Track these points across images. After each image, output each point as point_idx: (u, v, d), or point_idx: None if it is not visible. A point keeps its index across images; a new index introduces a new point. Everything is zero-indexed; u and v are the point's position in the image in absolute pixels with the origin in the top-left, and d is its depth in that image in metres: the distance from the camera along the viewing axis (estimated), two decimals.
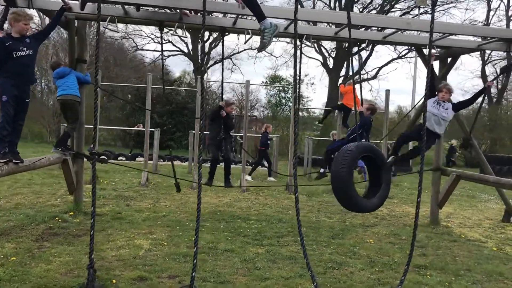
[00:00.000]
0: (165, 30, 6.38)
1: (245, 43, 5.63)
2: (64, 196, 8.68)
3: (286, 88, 28.19)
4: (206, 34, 30.05)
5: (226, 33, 6.81)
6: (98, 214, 7.44)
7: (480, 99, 7.12)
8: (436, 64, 8.05)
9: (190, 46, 33.20)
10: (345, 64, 31.41)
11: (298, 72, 4.22)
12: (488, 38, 5.94)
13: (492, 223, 8.64)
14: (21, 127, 5.47)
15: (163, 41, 29.09)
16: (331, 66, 31.59)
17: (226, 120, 7.86)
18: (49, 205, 7.92)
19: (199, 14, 6.19)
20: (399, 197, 11.46)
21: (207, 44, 32.56)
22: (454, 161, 21.83)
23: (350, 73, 31.07)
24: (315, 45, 30.10)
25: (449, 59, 7.59)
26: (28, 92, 5.45)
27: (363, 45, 6.99)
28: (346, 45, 25.14)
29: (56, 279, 4.38)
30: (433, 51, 6.80)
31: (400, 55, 31.37)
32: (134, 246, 5.69)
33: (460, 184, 13.16)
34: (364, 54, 30.72)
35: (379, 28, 15.28)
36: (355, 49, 7.47)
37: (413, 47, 13.26)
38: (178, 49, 34.06)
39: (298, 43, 6.62)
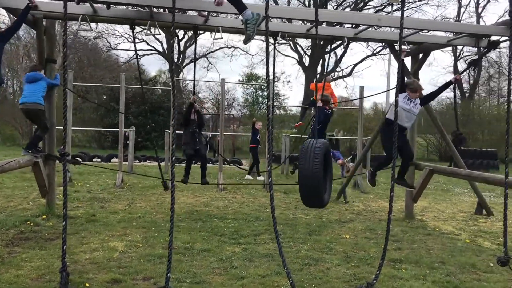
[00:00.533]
0: (139, 29, 6.26)
1: (214, 39, 5.53)
2: (37, 200, 8.48)
3: (263, 87, 28.19)
4: (181, 32, 29.85)
5: (201, 32, 6.78)
6: (72, 217, 7.32)
7: (452, 94, 7.19)
8: (408, 60, 8.15)
9: (165, 45, 32.91)
10: (320, 62, 31.61)
11: (272, 70, 4.19)
12: (458, 33, 6.04)
13: (466, 215, 8.80)
14: None
15: (137, 40, 28.66)
16: (307, 64, 31.72)
17: (199, 115, 7.74)
18: (21, 209, 7.73)
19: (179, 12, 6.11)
20: (375, 192, 11.58)
21: (182, 43, 32.34)
22: None
23: (322, 69, 31.30)
24: (291, 43, 30.17)
25: (420, 55, 7.70)
26: None
27: (338, 43, 7.04)
28: (322, 42, 25.34)
29: (26, 285, 4.27)
30: (404, 47, 6.89)
31: (375, 52, 31.73)
32: (109, 248, 5.59)
33: (435, 178, 13.45)
34: (339, 51, 31.03)
35: (353, 25, 15.42)
36: (330, 46, 7.44)
37: (385, 44, 13.38)
38: (153, 48, 33.72)
39: (272, 40, 6.62)
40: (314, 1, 31.04)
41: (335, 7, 31.49)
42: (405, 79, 6.52)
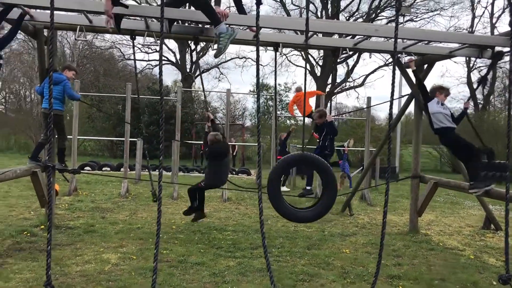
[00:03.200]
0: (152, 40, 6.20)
1: (212, 49, 5.50)
2: (38, 209, 8.48)
3: (273, 96, 28.13)
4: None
5: (202, 42, 6.76)
6: (70, 227, 7.29)
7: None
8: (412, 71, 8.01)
9: (178, 56, 33.15)
10: (332, 72, 31.50)
11: (260, 80, 4.12)
12: (461, 44, 5.91)
13: (473, 230, 8.57)
14: None
15: (151, 51, 28.92)
16: (318, 74, 31.64)
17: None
18: (21, 219, 7.74)
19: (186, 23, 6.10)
20: (382, 205, 11.36)
21: (194, 53, 32.54)
22: None
23: (333, 79, 31.16)
24: (302, 53, 30.12)
25: (425, 66, 7.57)
26: None
27: (350, 53, 6.95)
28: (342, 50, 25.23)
29: None
30: (409, 57, 6.79)
31: (387, 62, 31.52)
32: (101, 260, 5.54)
33: (445, 190, 13.19)
34: (351, 61, 30.91)
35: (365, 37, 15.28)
36: (336, 56, 7.38)
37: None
38: (166, 59, 33.95)
39: (276, 52, 6.54)
40: (327, 12, 31.10)
41: (347, 18, 31.45)
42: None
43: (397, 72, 8.29)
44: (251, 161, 26.30)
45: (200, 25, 5.49)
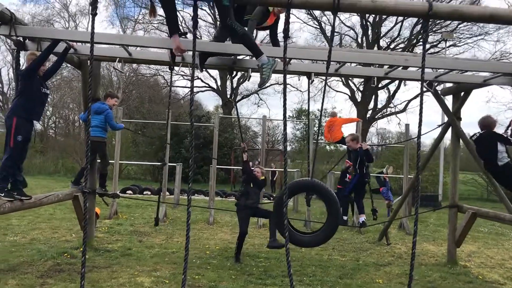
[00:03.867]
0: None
1: (247, 80, 5.73)
2: (79, 232, 8.81)
3: (315, 121, 28.14)
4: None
5: (235, 72, 6.97)
6: (109, 250, 7.52)
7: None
8: (449, 98, 7.92)
9: (219, 82, 33.87)
10: (373, 97, 31.25)
11: (284, 109, 4.23)
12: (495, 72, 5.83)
13: None
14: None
15: (194, 78, 30.08)
16: (359, 100, 31.45)
17: (248, 174, 7.48)
18: (63, 241, 8.06)
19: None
20: (422, 234, 11.07)
21: (235, 80, 33.12)
22: None
23: (375, 105, 30.83)
24: (343, 78, 30.11)
25: (462, 93, 7.47)
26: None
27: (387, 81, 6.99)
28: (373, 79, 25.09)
29: None
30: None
31: (425, 90, 30.88)
32: (135, 283, 5.69)
33: (489, 221, 12.70)
34: (392, 87, 30.53)
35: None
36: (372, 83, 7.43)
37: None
38: (207, 85, 34.78)
39: (303, 82, 6.67)
40: (367, 38, 31.06)
41: (388, 43, 31.29)
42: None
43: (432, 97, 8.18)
44: None
45: (232, 57, 5.69)
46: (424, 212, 10.15)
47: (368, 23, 30.31)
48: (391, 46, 31.17)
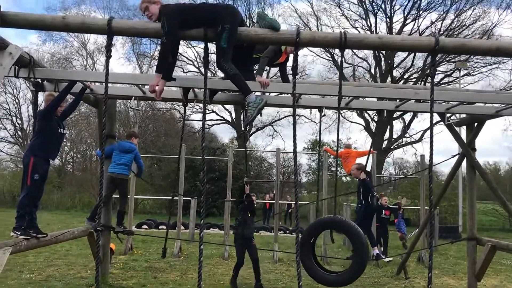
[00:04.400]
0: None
1: (260, 115, 5.80)
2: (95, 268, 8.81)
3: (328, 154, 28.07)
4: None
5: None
6: (123, 287, 7.51)
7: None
8: (463, 129, 7.89)
9: (234, 115, 34.21)
10: (388, 127, 31.13)
11: (295, 142, 4.28)
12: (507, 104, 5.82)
13: None
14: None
15: (208, 111, 29.91)
16: (374, 130, 31.37)
17: (250, 203, 7.94)
18: (78, 278, 8.06)
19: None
20: (441, 267, 10.82)
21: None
22: None
23: (390, 135, 30.65)
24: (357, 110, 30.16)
25: (475, 124, 7.44)
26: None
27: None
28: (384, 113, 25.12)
29: None
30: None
31: (438, 121, 30.75)
32: None
33: None
34: (407, 117, 30.45)
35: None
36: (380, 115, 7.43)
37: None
38: (222, 118, 35.16)
39: (317, 113, 6.73)
40: (380, 69, 31.25)
41: (402, 73, 31.41)
42: None
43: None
44: (305, 219, 25.96)
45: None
46: (441, 245, 9.96)
47: (381, 54, 30.52)
48: (405, 77, 31.29)
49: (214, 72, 31.32)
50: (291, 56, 6.03)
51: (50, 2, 68.60)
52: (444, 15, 29.60)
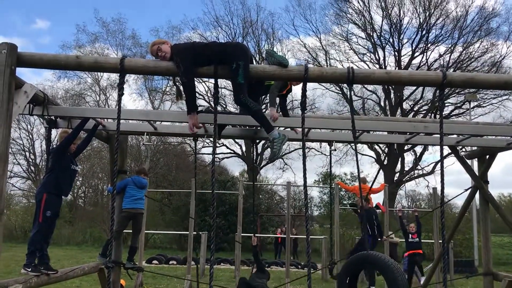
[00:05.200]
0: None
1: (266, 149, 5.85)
2: None
3: (339, 187, 27.91)
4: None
5: (257, 140, 7.15)
6: None
7: None
8: (475, 161, 7.83)
9: (244, 148, 34.31)
10: (399, 160, 30.97)
11: (305, 174, 4.28)
12: None
13: None
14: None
15: (218, 145, 30.24)
16: (385, 163, 31.21)
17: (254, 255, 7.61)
18: None
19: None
20: None
21: (260, 145, 33.57)
22: None
23: (402, 168, 30.45)
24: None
25: (487, 156, 7.39)
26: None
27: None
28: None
29: None
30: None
31: (448, 153, 30.56)
32: None
33: None
34: (418, 149, 30.30)
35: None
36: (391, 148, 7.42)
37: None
38: (232, 151, 35.28)
39: (327, 146, 6.75)
40: (390, 101, 31.36)
41: (411, 106, 31.47)
42: None
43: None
44: (317, 253, 25.59)
45: (254, 127, 5.86)
46: (457, 279, 9.73)
47: (390, 87, 30.69)
48: (415, 109, 31.33)
49: (224, 106, 31.72)
50: (298, 91, 6.12)
51: (65, 40, 70.38)
52: (452, 48, 29.86)
